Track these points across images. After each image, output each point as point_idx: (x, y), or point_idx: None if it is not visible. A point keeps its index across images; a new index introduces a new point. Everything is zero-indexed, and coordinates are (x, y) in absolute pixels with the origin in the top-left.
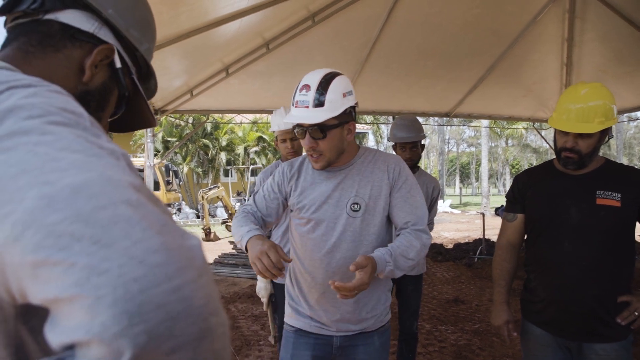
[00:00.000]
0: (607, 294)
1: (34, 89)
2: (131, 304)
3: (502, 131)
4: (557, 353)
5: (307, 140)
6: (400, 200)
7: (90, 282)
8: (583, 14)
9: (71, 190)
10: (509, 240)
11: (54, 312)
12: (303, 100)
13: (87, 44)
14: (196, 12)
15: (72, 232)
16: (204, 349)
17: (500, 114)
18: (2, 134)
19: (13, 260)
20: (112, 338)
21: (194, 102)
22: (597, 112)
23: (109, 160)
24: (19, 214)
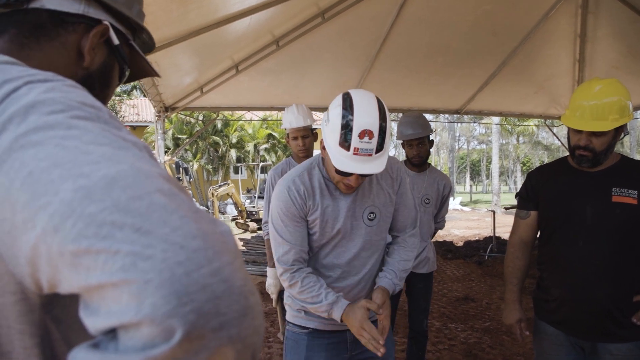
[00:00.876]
0: (621, 293)
1: (51, 84)
2: (178, 285)
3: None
4: (570, 352)
5: (355, 179)
6: (401, 204)
7: (137, 267)
8: (596, 10)
9: (107, 182)
10: (521, 237)
11: (94, 298)
12: (366, 149)
13: (80, 25)
14: (206, 9)
15: (112, 221)
16: (246, 325)
17: (512, 110)
18: (28, 128)
19: (51, 250)
20: (163, 317)
21: (204, 99)
22: (612, 109)
23: (135, 152)
24: (57, 205)
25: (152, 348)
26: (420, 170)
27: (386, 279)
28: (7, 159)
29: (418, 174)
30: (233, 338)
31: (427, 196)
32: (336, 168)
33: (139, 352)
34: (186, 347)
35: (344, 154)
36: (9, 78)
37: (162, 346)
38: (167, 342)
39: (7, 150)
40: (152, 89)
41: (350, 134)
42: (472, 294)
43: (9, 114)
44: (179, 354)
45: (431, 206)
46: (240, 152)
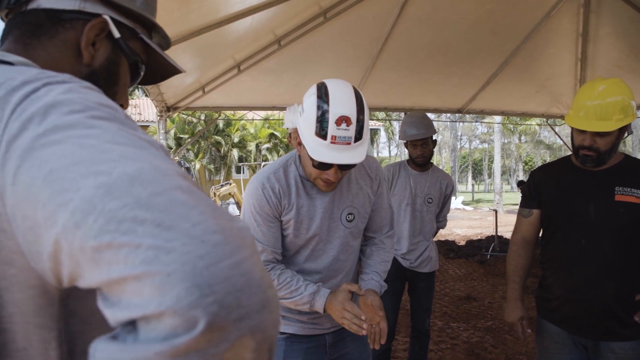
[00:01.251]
0: (624, 292)
1: (69, 85)
2: (200, 278)
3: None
4: (573, 351)
5: (334, 173)
6: (379, 205)
7: (159, 260)
8: (598, 9)
9: (127, 179)
10: (523, 236)
11: (114, 291)
12: (344, 136)
13: (78, 22)
14: (207, 9)
15: (133, 216)
16: (266, 317)
17: (513, 110)
18: (49, 127)
19: (72, 246)
20: (186, 308)
21: (206, 98)
22: (616, 109)
23: (152, 151)
24: (78, 202)
25: (174, 338)
26: (423, 169)
27: (373, 281)
28: (28, 157)
29: (421, 174)
30: (253, 329)
31: (429, 195)
32: (313, 161)
33: (161, 342)
34: (208, 337)
35: (321, 143)
36: (28, 79)
37: (184, 336)
38: (190, 332)
39: (28, 149)
40: (153, 89)
41: (327, 122)
42: (474, 293)
43: (29, 113)
44: (202, 343)
45: (434, 205)
46: (242, 152)
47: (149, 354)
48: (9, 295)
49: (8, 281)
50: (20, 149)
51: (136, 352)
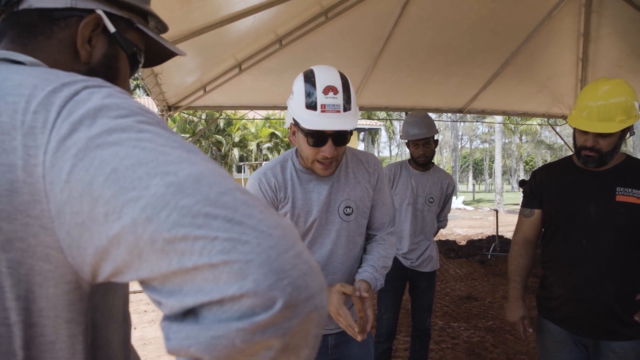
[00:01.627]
0: (625, 292)
1: (108, 90)
2: (275, 264)
3: (516, 127)
4: (573, 350)
5: (329, 148)
6: (379, 201)
7: (237, 250)
8: (600, 9)
9: (194, 179)
10: (525, 235)
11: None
12: (333, 104)
13: (72, 19)
14: (209, 8)
15: (206, 213)
16: (324, 297)
17: (514, 110)
18: (102, 130)
19: (140, 239)
20: (266, 290)
21: (207, 98)
22: (619, 110)
23: (203, 155)
24: (149, 199)
25: (253, 316)
26: (424, 169)
27: (367, 272)
28: (84, 157)
29: (422, 173)
30: (317, 306)
31: (431, 195)
32: (308, 139)
33: (239, 320)
34: (284, 313)
35: (312, 113)
36: (66, 81)
37: (264, 314)
38: (270, 310)
39: (84, 149)
40: (155, 88)
41: (315, 93)
42: (475, 293)
43: (78, 115)
44: (278, 319)
45: (435, 205)
46: (243, 151)
47: (230, 331)
48: (42, 291)
49: (43, 277)
50: (74, 149)
51: (215, 330)
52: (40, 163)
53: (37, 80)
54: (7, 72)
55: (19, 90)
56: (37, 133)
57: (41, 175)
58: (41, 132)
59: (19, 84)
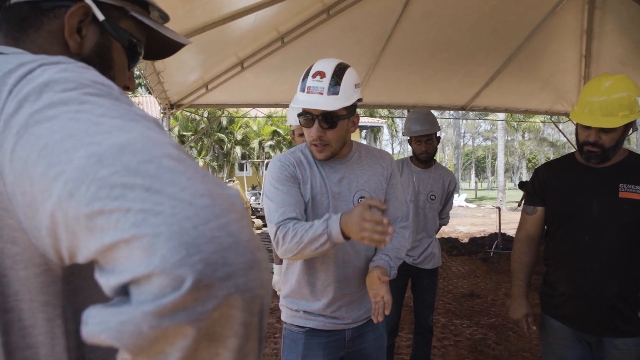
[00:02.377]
0: (628, 289)
1: (64, 65)
2: (187, 237)
3: (519, 125)
4: (576, 347)
5: (315, 129)
6: (393, 195)
7: (147, 223)
8: (603, 5)
9: (117, 148)
10: (528, 233)
11: (108, 259)
12: (317, 86)
13: (60, 10)
14: (211, 6)
15: (123, 183)
16: (253, 277)
17: (517, 107)
18: (43, 105)
19: (68, 216)
20: (172, 267)
21: (209, 96)
22: (622, 105)
23: (145, 123)
24: (70, 172)
25: (162, 297)
26: (426, 166)
27: (382, 260)
28: (23, 134)
29: (424, 170)
30: (240, 287)
31: (432, 192)
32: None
33: (150, 303)
34: (195, 295)
35: (300, 94)
36: (24, 62)
37: (172, 295)
38: (177, 290)
39: (24, 126)
40: (157, 86)
41: (307, 79)
42: (477, 291)
43: (24, 92)
44: (189, 302)
45: (436, 202)
46: (245, 149)
47: (137, 315)
48: (13, 274)
49: (12, 259)
50: (16, 127)
51: (124, 314)
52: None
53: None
54: None
55: None
56: None
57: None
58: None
59: None
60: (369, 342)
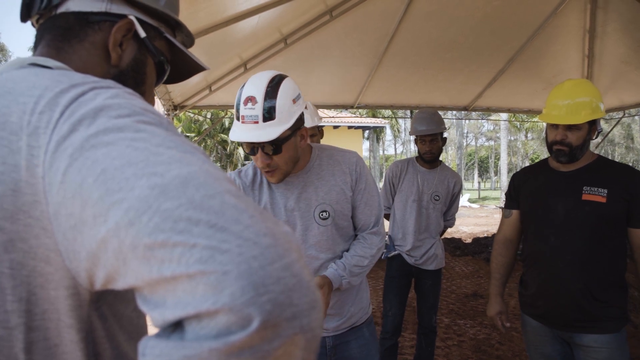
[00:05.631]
0: (594, 287)
1: (115, 91)
2: (255, 277)
3: (522, 124)
4: (554, 343)
5: (260, 158)
6: (361, 202)
7: (215, 260)
8: (605, 5)
9: (180, 181)
10: (505, 235)
11: (159, 291)
12: (250, 115)
13: (105, 23)
14: (214, 8)
15: (188, 217)
16: (315, 317)
17: (520, 107)
18: (98, 129)
19: (123, 244)
20: (241, 306)
21: (212, 97)
22: (585, 106)
23: (200, 156)
24: (132, 201)
25: (228, 335)
26: (431, 167)
27: (331, 269)
28: (78, 157)
29: (429, 171)
30: (304, 327)
31: (436, 193)
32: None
33: (214, 339)
34: (262, 334)
35: (236, 124)
36: (75, 83)
37: (239, 333)
38: (245, 329)
39: (79, 149)
40: (161, 87)
41: (239, 104)
42: (480, 291)
43: (78, 115)
44: (256, 340)
45: (440, 203)
46: None
47: (203, 351)
48: (43, 293)
49: (44, 278)
50: (70, 149)
51: (189, 349)
52: (41, 163)
53: (50, 81)
54: (27, 74)
55: (31, 92)
56: (40, 133)
57: (41, 175)
58: (44, 132)
59: (32, 85)
60: (352, 350)
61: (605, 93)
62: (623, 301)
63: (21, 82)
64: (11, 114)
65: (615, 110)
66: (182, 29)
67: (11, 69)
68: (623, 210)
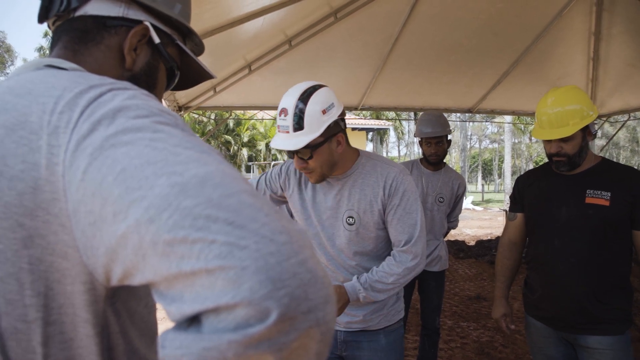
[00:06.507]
0: (598, 289)
1: (132, 92)
2: (273, 272)
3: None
4: (558, 345)
5: (296, 161)
6: (396, 219)
7: (234, 255)
8: (611, 7)
9: (199, 180)
10: (509, 238)
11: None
12: (283, 125)
13: (122, 28)
14: (220, 10)
15: (207, 215)
16: (329, 310)
17: (524, 109)
18: (117, 130)
19: (143, 240)
20: (260, 300)
21: (217, 98)
22: (573, 114)
23: (216, 156)
24: (152, 199)
25: (247, 328)
26: (435, 169)
27: (351, 282)
28: (98, 156)
29: (433, 173)
30: (319, 321)
31: (441, 195)
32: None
33: (233, 332)
34: (280, 327)
35: (276, 132)
36: (93, 84)
37: (258, 326)
38: (263, 322)
39: (98, 148)
40: None
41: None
42: (484, 293)
43: (97, 116)
44: (273, 333)
45: (444, 205)
46: (252, 151)
47: (222, 343)
48: (60, 288)
49: (61, 274)
50: (90, 148)
51: (207, 341)
52: (61, 162)
53: (68, 82)
54: (45, 76)
55: (50, 92)
56: (60, 132)
57: (61, 173)
58: (64, 131)
59: (51, 86)
60: (364, 351)
61: (610, 96)
62: (627, 304)
63: (40, 83)
64: (31, 114)
65: (620, 113)
66: (193, 38)
67: (28, 70)
68: (627, 213)
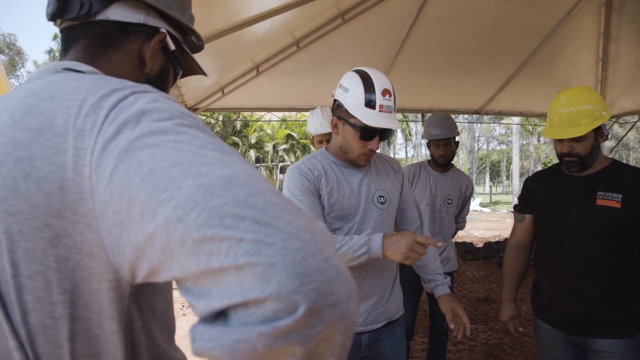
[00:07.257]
0: (608, 292)
1: (153, 95)
2: (300, 268)
3: (534, 128)
4: (567, 348)
5: (376, 142)
6: (408, 197)
7: (262, 252)
8: (620, 7)
9: (224, 181)
10: (518, 240)
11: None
12: (388, 105)
13: (141, 34)
14: (228, 12)
15: (234, 213)
16: (352, 304)
17: (533, 111)
18: (142, 132)
19: (172, 238)
20: (288, 294)
21: (224, 100)
22: (586, 114)
23: (238, 157)
24: (180, 199)
25: (276, 320)
26: (443, 170)
27: (444, 285)
28: (124, 158)
29: (441, 174)
30: (344, 314)
31: (449, 196)
32: (361, 132)
33: (262, 325)
34: (307, 320)
35: (372, 112)
36: (116, 87)
37: (287, 319)
38: (292, 315)
39: (125, 150)
40: (174, 90)
41: (374, 94)
42: (492, 295)
43: (122, 119)
44: (301, 325)
45: (453, 206)
46: (260, 153)
47: (252, 335)
48: (87, 286)
49: (87, 272)
50: (117, 150)
51: (238, 333)
52: (88, 164)
53: (91, 86)
54: (66, 79)
55: (74, 96)
56: (85, 135)
57: (88, 175)
58: (89, 134)
59: (74, 89)
60: (385, 347)
61: (619, 96)
62: (638, 306)
63: (62, 87)
64: (56, 117)
65: (630, 114)
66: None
67: (46, 73)
68: (638, 215)
